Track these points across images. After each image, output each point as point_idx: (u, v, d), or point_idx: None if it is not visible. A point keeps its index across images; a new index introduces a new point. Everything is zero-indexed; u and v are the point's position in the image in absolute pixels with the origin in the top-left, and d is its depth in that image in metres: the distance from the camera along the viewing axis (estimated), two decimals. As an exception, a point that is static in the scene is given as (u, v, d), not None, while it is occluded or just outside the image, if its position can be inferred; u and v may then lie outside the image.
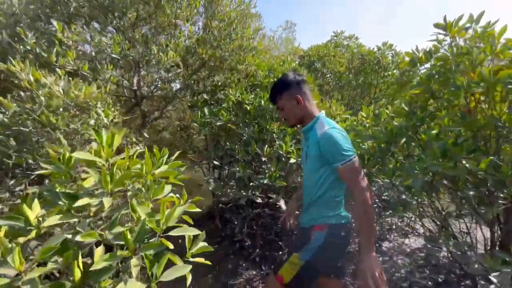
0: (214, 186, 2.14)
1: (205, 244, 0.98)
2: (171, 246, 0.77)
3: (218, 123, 2.12)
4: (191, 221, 1.06)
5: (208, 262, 0.98)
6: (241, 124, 2.23)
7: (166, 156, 1.09)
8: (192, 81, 2.85)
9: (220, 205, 2.46)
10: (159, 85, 3.01)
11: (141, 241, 0.78)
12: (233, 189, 2.26)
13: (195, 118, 2.30)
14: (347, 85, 3.89)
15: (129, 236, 0.74)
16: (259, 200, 2.24)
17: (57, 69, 1.35)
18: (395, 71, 3.96)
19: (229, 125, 2.28)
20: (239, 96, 2.16)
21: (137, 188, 0.91)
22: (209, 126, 2.30)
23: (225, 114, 2.18)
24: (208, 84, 2.96)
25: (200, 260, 0.95)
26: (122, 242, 0.75)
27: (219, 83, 2.79)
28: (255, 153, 2.17)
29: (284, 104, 1.30)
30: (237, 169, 2.09)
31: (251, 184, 2.23)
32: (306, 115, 1.29)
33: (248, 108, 2.22)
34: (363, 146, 1.71)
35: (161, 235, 0.83)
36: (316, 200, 1.25)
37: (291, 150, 1.98)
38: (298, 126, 1.36)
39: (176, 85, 3.25)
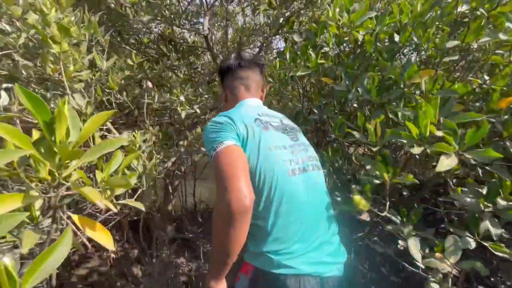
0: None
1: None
2: None
3: (298, 74, 1.20)
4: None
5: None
6: (344, 76, 1.20)
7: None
8: (281, 20, 1.97)
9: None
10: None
11: None
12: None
13: (271, 70, 1.48)
14: None
15: None
16: (365, 217, 1.24)
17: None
18: None
19: (323, 78, 1.31)
20: (344, 18, 1.09)
21: None
22: (290, 81, 1.42)
23: (314, 58, 1.21)
24: (305, 20, 1.99)
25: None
26: None
27: (320, 15, 1.75)
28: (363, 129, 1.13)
29: None
30: (326, 153, 1.17)
31: (354, 186, 1.25)
32: None
33: (363, 40, 1.14)
34: None
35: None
36: None
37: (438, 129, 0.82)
38: None
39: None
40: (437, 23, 1.12)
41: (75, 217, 0.45)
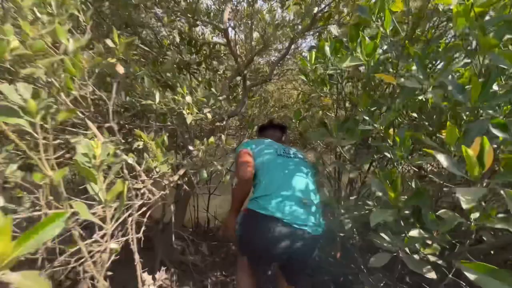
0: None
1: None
2: None
3: (345, 64, 0.85)
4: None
5: None
6: (417, 69, 0.82)
7: None
8: (316, 10, 1.65)
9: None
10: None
11: None
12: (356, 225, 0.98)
13: (303, 64, 1.14)
14: None
15: None
16: (432, 275, 0.83)
17: None
18: None
19: (377, 75, 0.94)
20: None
21: None
22: (326, 81, 1.07)
23: (371, 43, 0.86)
24: (346, 11, 1.64)
25: None
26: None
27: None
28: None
29: None
30: (375, 187, 0.80)
31: (416, 231, 0.86)
32: None
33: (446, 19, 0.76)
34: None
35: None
36: None
37: None
38: None
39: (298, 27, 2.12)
40: None
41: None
